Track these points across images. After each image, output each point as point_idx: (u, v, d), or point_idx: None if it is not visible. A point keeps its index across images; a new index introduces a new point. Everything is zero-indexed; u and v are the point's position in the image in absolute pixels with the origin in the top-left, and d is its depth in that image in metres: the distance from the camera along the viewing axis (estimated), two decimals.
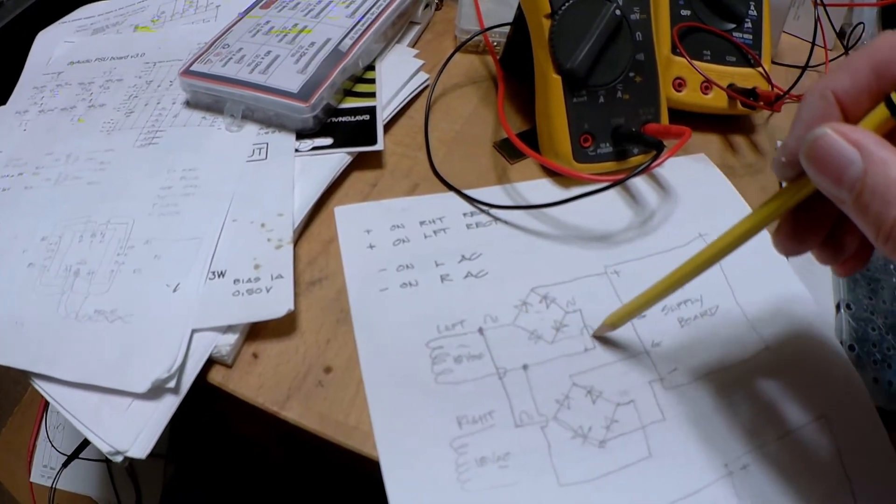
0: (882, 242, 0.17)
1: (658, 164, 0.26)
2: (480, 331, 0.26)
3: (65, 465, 0.47)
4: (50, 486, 0.48)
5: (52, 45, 0.39)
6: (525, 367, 0.25)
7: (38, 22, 0.43)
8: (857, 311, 0.30)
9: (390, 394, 0.24)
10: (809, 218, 0.21)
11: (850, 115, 0.18)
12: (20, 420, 0.54)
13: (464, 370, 0.25)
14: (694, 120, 0.34)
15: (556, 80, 0.29)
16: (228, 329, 0.26)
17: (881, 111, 0.17)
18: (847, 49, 0.40)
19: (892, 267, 0.32)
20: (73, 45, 0.39)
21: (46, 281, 0.28)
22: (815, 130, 0.17)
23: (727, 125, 0.36)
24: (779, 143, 0.35)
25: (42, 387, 0.26)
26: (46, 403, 0.50)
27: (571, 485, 0.23)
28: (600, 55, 0.28)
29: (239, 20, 0.35)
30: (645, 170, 0.26)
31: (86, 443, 0.47)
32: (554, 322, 0.26)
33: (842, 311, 0.30)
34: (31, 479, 0.50)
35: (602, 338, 0.27)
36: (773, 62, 0.40)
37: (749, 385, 0.27)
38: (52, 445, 0.49)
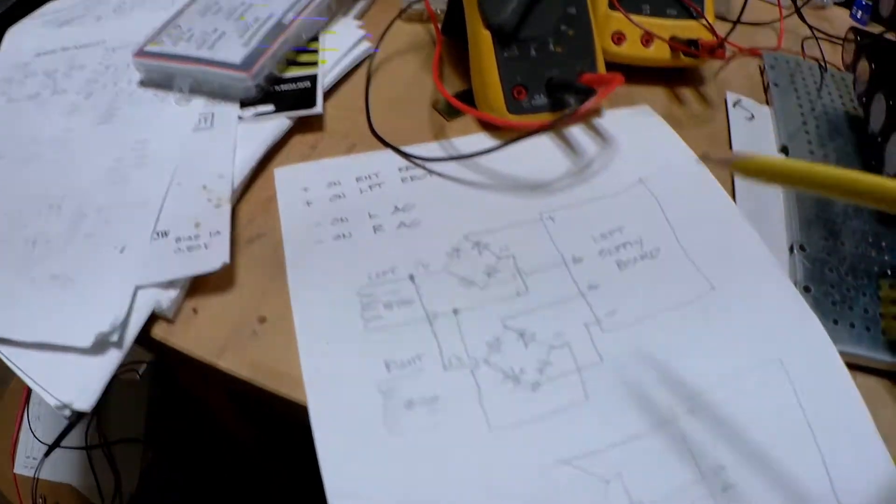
0: None
1: (588, 108, 0.27)
2: (411, 277, 0.26)
3: (46, 454, 0.49)
4: (32, 476, 0.50)
5: (21, 40, 0.42)
6: (455, 311, 0.26)
7: (9, 20, 0.47)
8: (811, 252, 0.29)
9: (320, 340, 0.25)
10: None
11: None
12: (2, 415, 0.56)
13: (393, 315, 0.25)
14: (639, 74, 0.35)
15: (486, 35, 0.30)
16: (170, 285, 0.27)
17: None
18: (798, 7, 0.40)
19: (850, 210, 0.32)
20: (40, 37, 0.42)
21: (6, 253, 0.30)
22: None
23: (675, 79, 0.36)
24: (728, 93, 0.35)
25: (1, 351, 0.27)
26: (28, 395, 0.52)
27: (502, 428, 0.23)
28: (529, 9, 0.29)
29: (191, 3, 0.38)
30: (574, 113, 0.27)
31: (66, 431, 0.49)
32: (486, 267, 0.27)
33: (795, 251, 0.30)
34: (15, 471, 0.51)
35: (536, 282, 0.26)
36: (730, 20, 0.40)
37: (695, 327, 0.26)
38: (34, 436, 0.51)
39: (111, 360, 0.26)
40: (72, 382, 0.25)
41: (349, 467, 0.22)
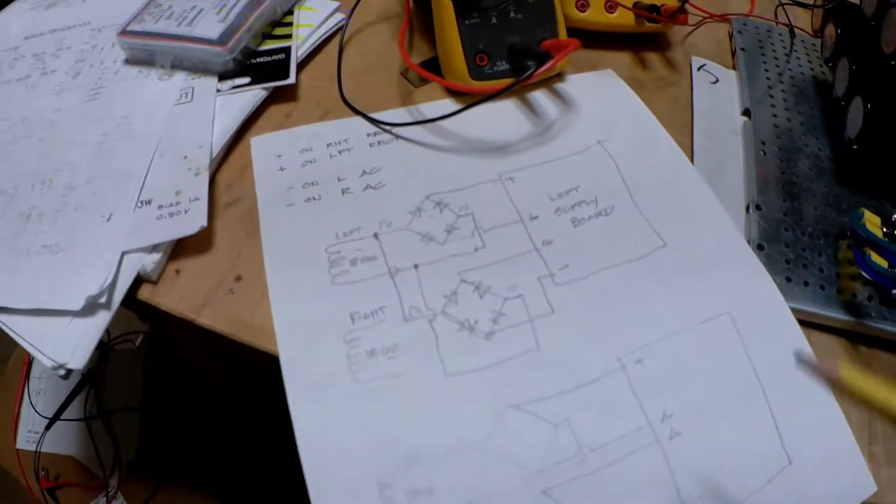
0: None
1: (542, 72, 0.29)
2: (375, 235, 0.29)
3: (47, 427, 0.53)
4: (34, 450, 0.54)
5: (9, 24, 0.45)
6: (416, 266, 0.28)
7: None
8: (767, 212, 0.31)
9: (290, 295, 0.28)
10: None
11: None
12: (2, 392, 0.60)
13: (358, 271, 0.28)
14: (606, 39, 0.37)
15: (448, 4, 0.32)
16: (154, 249, 0.30)
17: None
18: None
19: (812, 173, 0.34)
20: (29, 21, 0.45)
21: (2, 228, 0.34)
22: None
23: (642, 44, 0.38)
24: (693, 58, 0.37)
25: None
26: (28, 372, 0.56)
27: (458, 374, 0.26)
28: None
29: None
30: (529, 77, 0.29)
31: (66, 404, 0.53)
32: (446, 225, 0.29)
33: (751, 211, 0.31)
34: (17, 446, 0.56)
35: (493, 238, 0.29)
36: None
37: (645, 282, 0.29)
38: (35, 410, 0.55)
39: (100, 321, 0.29)
40: (65, 344, 0.28)
41: (317, 413, 0.24)
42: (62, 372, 0.29)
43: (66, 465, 0.54)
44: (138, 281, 0.29)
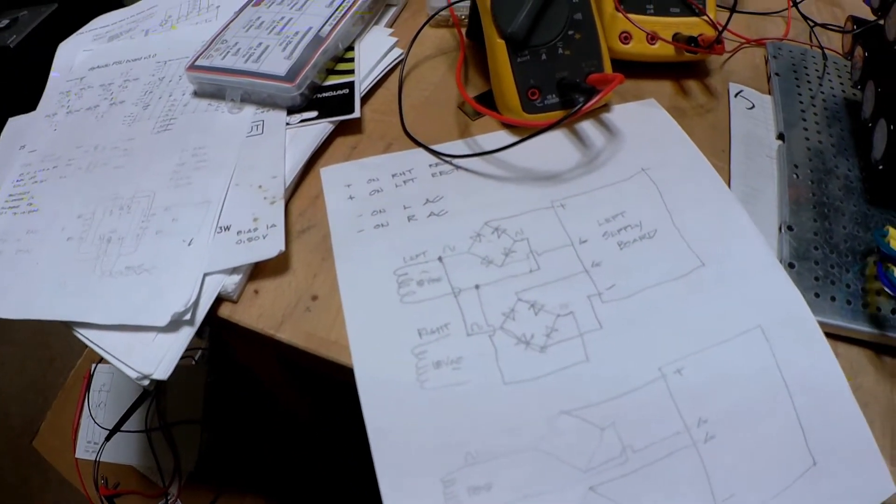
0: None
1: (590, 106, 0.36)
2: (440, 259, 0.36)
3: (107, 438, 0.61)
4: (94, 459, 0.62)
5: (73, 55, 0.52)
6: (477, 286, 0.35)
7: (54, 34, 0.57)
8: (798, 232, 0.37)
9: (363, 313, 0.34)
10: None
11: None
12: (62, 403, 0.68)
13: (425, 291, 0.35)
14: (648, 69, 0.44)
15: (501, 44, 0.39)
16: (234, 271, 0.36)
17: None
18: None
19: (842, 193, 0.39)
20: (91, 52, 0.52)
21: (84, 249, 0.39)
22: None
23: (682, 72, 0.45)
24: (731, 84, 0.43)
25: (83, 333, 0.36)
26: (88, 385, 0.64)
27: (515, 383, 0.32)
28: (538, 18, 0.38)
29: (234, 18, 0.47)
30: (578, 111, 0.36)
31: (126, 416, 0.61)
32: (504, 249, 0.36)
33: (783, 231, 0.37)
34: (76, 455, 0.63)
35: (547, 261, 0.34)
36: (736, 10, 0.47)
37: (685, 298, 0.34)
38: (95, 422, 0.63)
39: (184, 336, 0.35)
40: (151, 357, 0.34)
41: (388, 418, 0.30)
42: (146, 382, 0.35)
43: (126, 475, 0.62)
44: (219, 299, 0.36)
